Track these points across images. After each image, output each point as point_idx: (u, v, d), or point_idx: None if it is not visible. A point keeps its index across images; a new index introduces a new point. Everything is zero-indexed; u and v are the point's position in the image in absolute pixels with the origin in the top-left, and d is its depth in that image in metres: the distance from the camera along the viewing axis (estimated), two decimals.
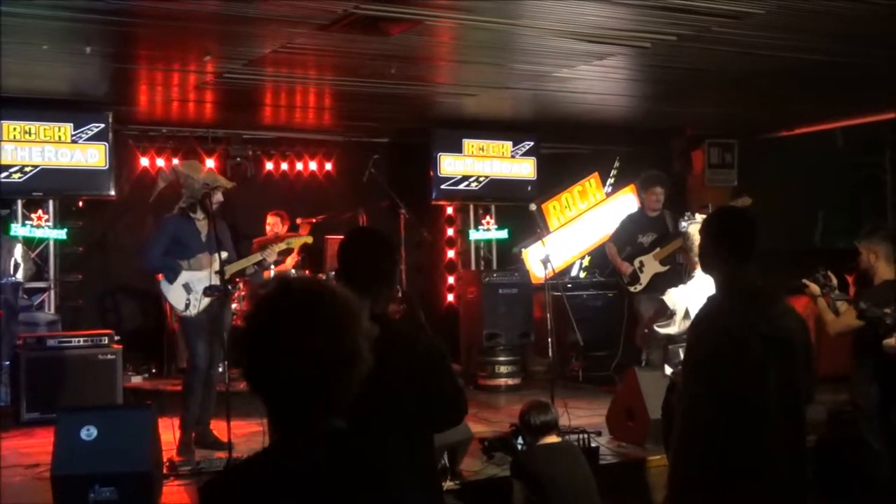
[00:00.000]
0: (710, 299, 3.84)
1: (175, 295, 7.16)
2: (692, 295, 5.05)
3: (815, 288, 5.67)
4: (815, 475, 4.13)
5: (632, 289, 9.24)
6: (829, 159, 11.66)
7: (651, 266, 9.13)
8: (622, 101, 9.96)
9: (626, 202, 12.04)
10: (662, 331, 5.33)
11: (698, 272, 4.81)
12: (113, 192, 9.62)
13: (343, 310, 1.94)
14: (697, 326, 3.79)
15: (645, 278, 9.14)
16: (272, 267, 8.91)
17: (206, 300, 7.06)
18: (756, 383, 3.60)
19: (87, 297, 10.20)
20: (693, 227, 5.36)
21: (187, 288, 7.16)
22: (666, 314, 5.33)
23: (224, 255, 7.10)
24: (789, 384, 3.66)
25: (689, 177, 12.56)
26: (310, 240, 7.98)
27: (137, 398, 8.82)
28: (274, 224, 10.12)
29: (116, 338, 8.63)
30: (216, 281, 6.93)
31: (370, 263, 3.35)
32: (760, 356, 3.60)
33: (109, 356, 8.38)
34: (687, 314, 5.06)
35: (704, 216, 4.37)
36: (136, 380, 9.69)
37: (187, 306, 7.09)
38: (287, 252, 9.02)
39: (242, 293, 9.15)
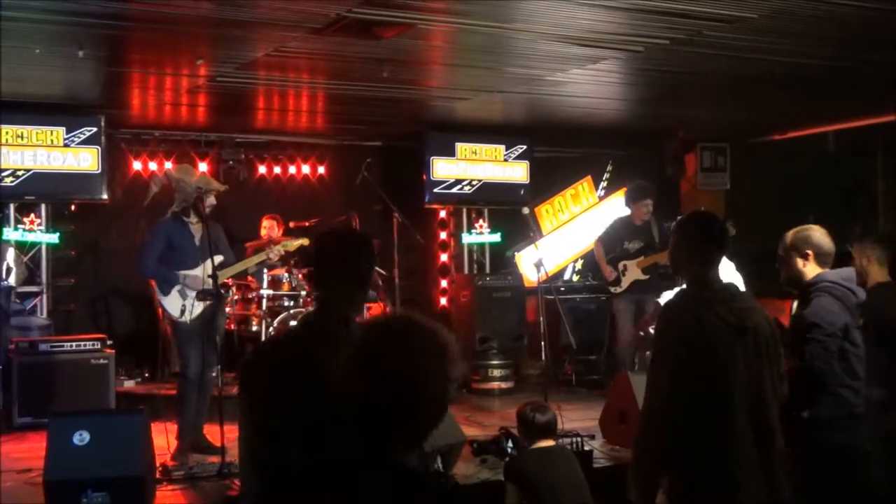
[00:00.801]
0: (680, 292, 3.91)
1: (170, 301, 7.15)
2: None
3: None
4: (801, 478, 4.10)
5: (612, 290, 9.41)
6: (821, 162, 11.68)
7: (633, 272, 9.30)
8: (615, 105, 9.97)
9: (619, 205, 11.95)
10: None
11: None
12: (105, 196, 9.62)
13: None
14: (666, 316, 3.81)
15: (626, 282, 9.32)
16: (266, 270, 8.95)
17: (201, 305, 7.06)
18: (723, 372, 3.63)
19: (79, 302, 10.21)
20: None
21: (182, 293, 7.15)
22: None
23: (219, 258, 7.10)
24: (757, 377, 3.69)
25: (682, 180, 12.58)
26: (307, 242, 7.99)
27: (130, 402, 8.81)
28: (270, 227, 10.13)
29: (109, 342, 8.61)
30: (209, 285, 6.93)
31: (345, 266, 3.28)
32: (727, 346, 3.64)
33: (102, 361, 8.37)
34: None
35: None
36: (129, 384, 9.71)
37: (182, 312, 7.08)
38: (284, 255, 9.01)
39: (236, 297, 9.15)
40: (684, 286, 3.97)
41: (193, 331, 7.10)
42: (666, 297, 5.42)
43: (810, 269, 4.65)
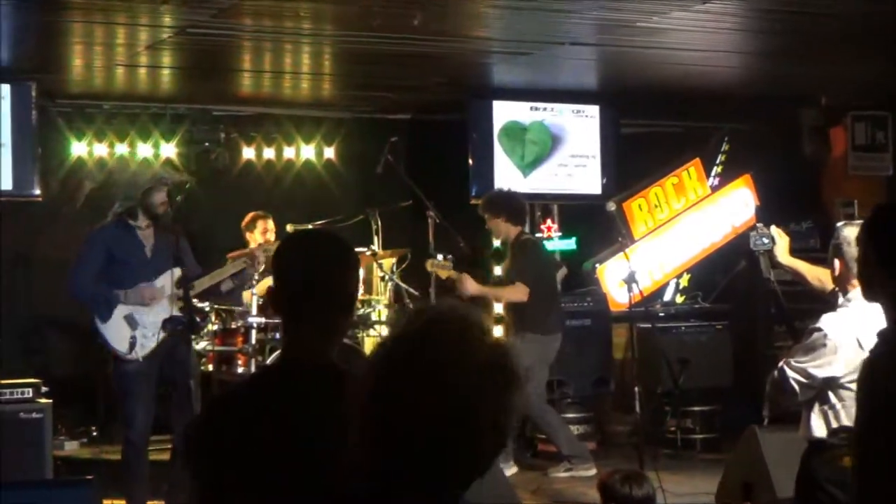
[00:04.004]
0: (884, 337, 3.85)
1: (114, 333, 7.29)
2: (857, 323, 5.04)
3: None
4: None
5: None
6: None
7: None
8: (731, 61, 9.96)
9: (740, 199, 12.09)
10: (819, 372, 5.31)
11: (857, 292, 4.79)
12: (37, 192, 9.66)
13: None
14: (870, 376, 3.79)
15: None
16: (254, 287, 8.97)
17: (155, 338, 7.19)
18: None
19: (4, 335, 10.12)
20: (849, 230, 5.33)
21: (131, 321, 7.29)
22: (820, 348, 5.31)
23: (178, 272, 7.23)
24: None
25: (826, 163, 12.49)
26: None
27: (73, 471, 8.81)
28: (261, 232, 10.04)
29: (44, 389, 8.58)
30: (163, 308, 7.08)
31: (323, 285, 3.17)
32: None
33: (35, 414, 8.34)
34: (859, 345, 5.04)
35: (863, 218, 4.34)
36: (71, 446, 9.72)
37: (132, 346, 7.21)
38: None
39: (214, 326, 9.19)
40: (848, 305, 3.91)
41: (143, 374, 7.20)
42: (828, 320, 5.36)
43: None
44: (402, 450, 2.11)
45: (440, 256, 9.51)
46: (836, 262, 5.37)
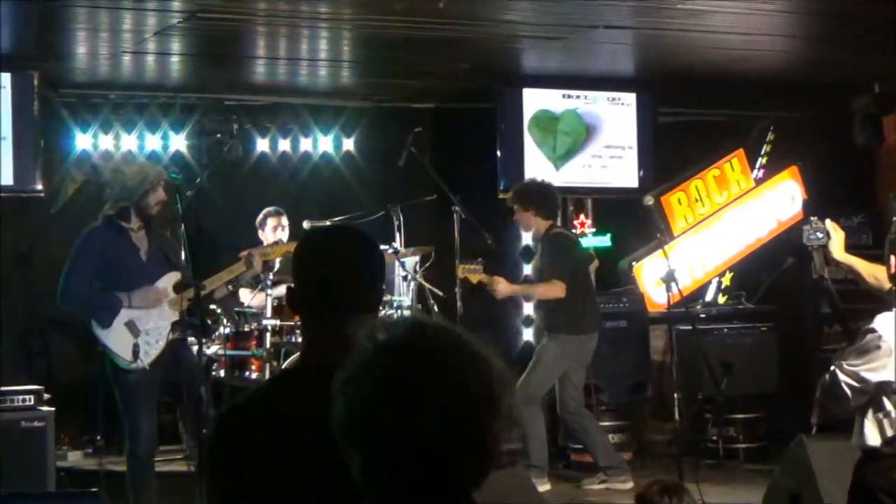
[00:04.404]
0: None
1: (117, 340, 7.29)
2: None
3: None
4: None
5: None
6: None
7: None
8: (777, 44, 9.96)
9: (787, 192, 12.06)
10: (873, 376, 5.24)
11: None
12: (39, 187, 9.65)
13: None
14: None
15: None
16: (269, 288, 8.89)
17: (160, 345, 7.26)
18: None
19: (4, 338, 10.22)
20: None
21: (132, 328, 7.29)
22: (874, 350, 5.23)
23: (175, 276, 7.36)
24: None
25: (879, 153, 12.43)
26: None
27: (76, 483, 8.84)
28: (276, 228, 10.11)
29: (46, 396, 8.62)
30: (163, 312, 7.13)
31: (350, 282, 3.18)
32: None
33: (37, 423, 8.38)
34: None
35: None
36: (74, 456, 9.74)
37: (136, 354, 7.20)
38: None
39: (226, 330, 9.16)
40: None
41: (146, 383, 7.25)
42: (883, 320, 5.32)
43: None
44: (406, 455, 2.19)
45: (469, 261, 9.45)
46: (893, 259, 5.36)
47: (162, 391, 7.34)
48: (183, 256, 7.63)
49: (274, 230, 10.12)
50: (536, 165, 11.13)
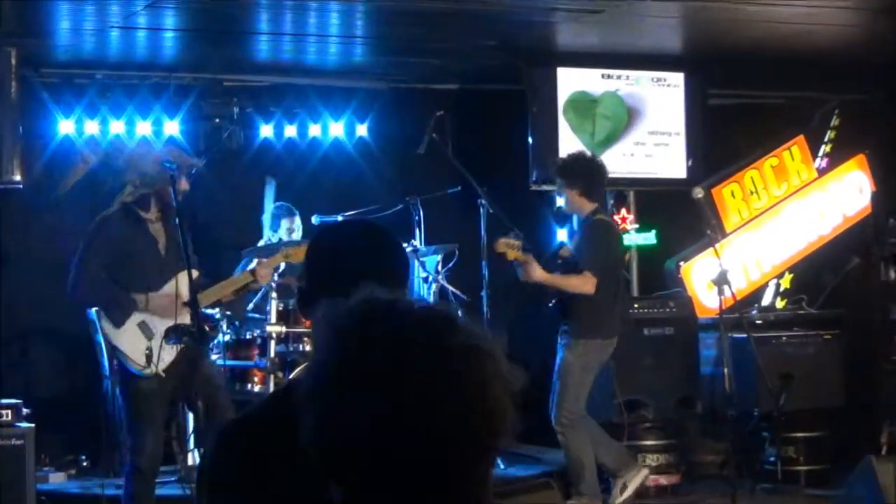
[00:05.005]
0: None
1: (129, 342, 7.32)
2: None
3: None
4: None
5: None
6: None
7: None
8: (842, 18, 9.98)
9: (853, 184, 12.04)
10: None
11: None
12: (17, 178, 9.59)
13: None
14: None
15: None
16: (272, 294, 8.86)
17: (173, 350, 7.27)
18: None
19: None
20: None
21: (145, 330, 7.34)
22: None
23: (195, 273, 7.27)
24: None
25: None
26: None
27: None
28: (296, 231, 10.21)
29: (25, 411, 8.66)
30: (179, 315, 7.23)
31: (388, 279, 3.11)
32: None
33: (15, 441, 8.40)
34: None
35: None
36: (57, 478, 9.74)
37: (149, 359, 7.24)
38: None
39: (227, 337, 9.19)
40: None
41: (157, 392, 7.28)
42: None
43: None
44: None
45: (509, 235, 9.41)
46: None
47: (172, 405, 7.39)
48: None
49: (289, 234, 10.17)
50: None
